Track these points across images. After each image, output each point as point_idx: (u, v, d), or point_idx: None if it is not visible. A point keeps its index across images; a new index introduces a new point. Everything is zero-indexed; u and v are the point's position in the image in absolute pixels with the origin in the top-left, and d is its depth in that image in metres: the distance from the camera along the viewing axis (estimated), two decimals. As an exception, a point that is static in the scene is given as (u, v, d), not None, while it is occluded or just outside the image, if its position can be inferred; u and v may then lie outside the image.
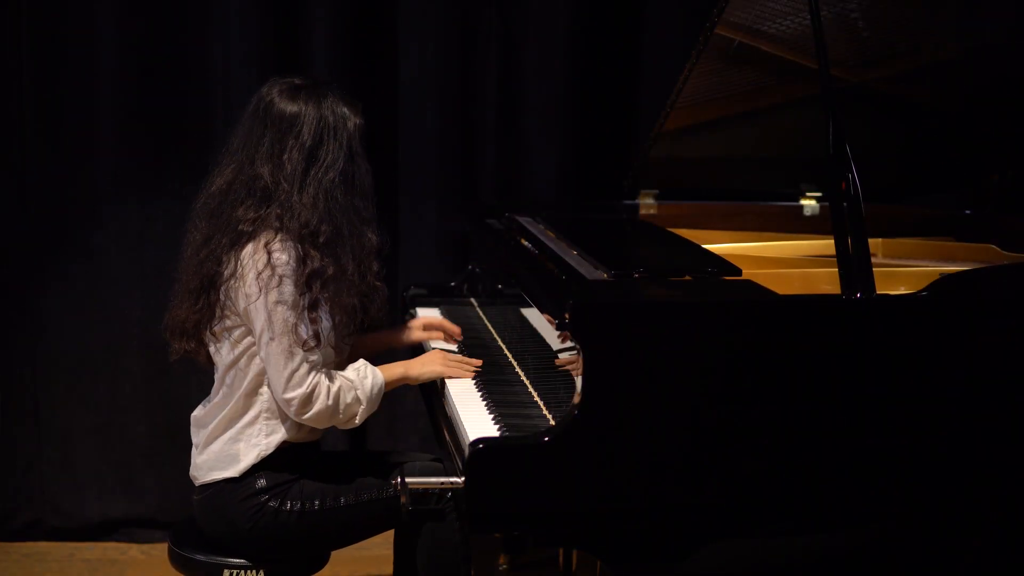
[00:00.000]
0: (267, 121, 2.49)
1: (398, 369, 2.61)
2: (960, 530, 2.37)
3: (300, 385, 2.41)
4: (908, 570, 2.45)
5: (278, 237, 2.43)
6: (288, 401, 2.42)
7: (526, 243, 2.93)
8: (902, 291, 2.57)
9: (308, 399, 2.42)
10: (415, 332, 2.89)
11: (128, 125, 3.62)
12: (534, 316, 2.62)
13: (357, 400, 2.48)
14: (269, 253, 2.41)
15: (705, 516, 2.19)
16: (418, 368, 2.64)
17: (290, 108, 2.49)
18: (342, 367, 2.54)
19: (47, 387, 3.73)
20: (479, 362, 2.67)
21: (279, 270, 2.40)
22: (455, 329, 2.89)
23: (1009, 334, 2.29)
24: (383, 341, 2.87)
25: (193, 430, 2.64)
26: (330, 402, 2.44)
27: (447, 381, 2.61)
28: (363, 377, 2.50)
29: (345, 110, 2.53)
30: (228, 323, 2.50)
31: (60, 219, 3.65)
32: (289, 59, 3.64)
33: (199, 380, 2.68)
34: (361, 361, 2.55)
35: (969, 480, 2.28)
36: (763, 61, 3.01)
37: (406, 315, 3.34)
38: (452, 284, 3.49)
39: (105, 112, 3.61)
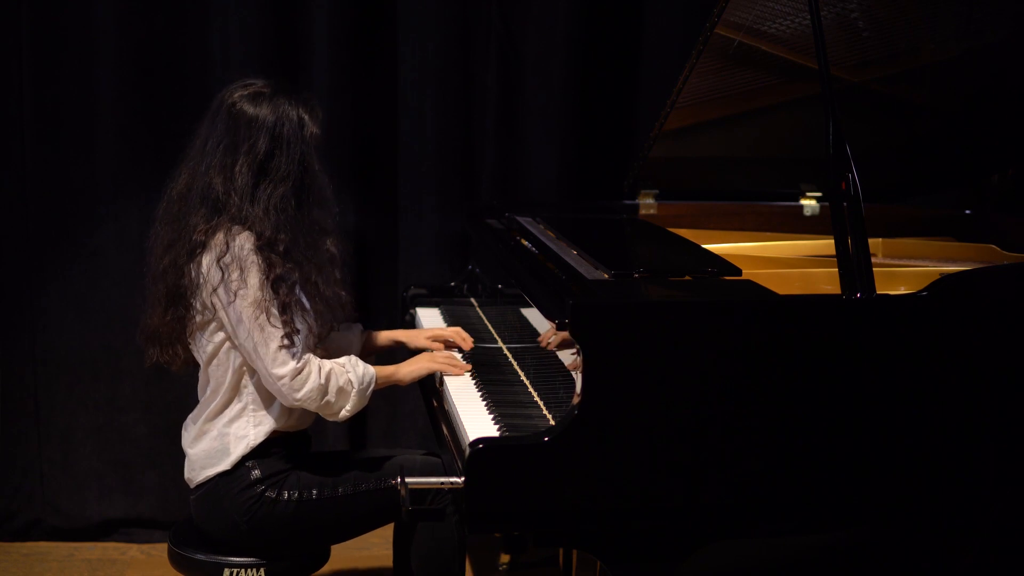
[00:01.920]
0: (223, 128, 2.49)
1: (388, 368, 2.63)
2: (960, 530, 2.37)
3: (288, 361, 2.42)
4: (908, 570, 2.45)
5: (230, 238, 2.43)
6: (279, 378, 2.42)
7: (526, 243, 2.93)
8: (902, 291, 2.57)
9: (299, 374, 2.43)
10: (421, 340, 2.85)
11: (128, 125, 3.61)
12: (534, 316, 2.63)
13: (349, 383, 2.49)
14: (224, 261, 2.41)
15: (705, 516, 2.19)
16: (406, 368, 2.65)
17: (245, 116, 2.47)
18: None
19: (47, 387, 3.72)
20: (467, 366, 2.68)
21: (235, 275, 2.41)
22: (464, 337, 2.82)
23: (1009, 334, 2.29)
24: (390, 338, 2.87)
25: (184, 434, 2.66)
26: (322, 380, 2.44)
27: (446, 381, 2.61)
28: (355, 364, 2.52)
29: (303, 118, 2.50)
30: (199, 319, 2.51)
31: (60, 219, 3.65)
32: (289, 59, 3.64)
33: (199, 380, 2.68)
34: (352, 356, 2.56)
35: (969, 480, 2.29)
36: (763, 61, 3.01)
37: (406, 315, 3.35)
38: (452, 284, 3.49)
39: (105, 112, 3.60)
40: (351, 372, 2.49)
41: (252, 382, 2.53)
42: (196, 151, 2.54)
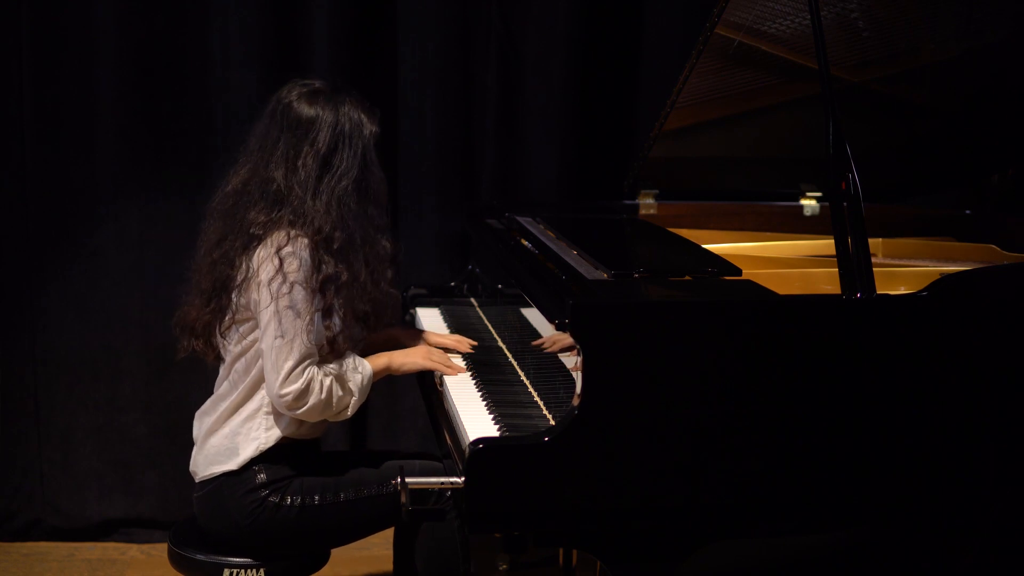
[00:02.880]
0: (283, 124, 2.51)
1: (382, 360, 2.63)
2: (960, 530, 2.37)
3: (296, 381, 2.42)
4: (908, 570, 2.45)
5: (289, 241, 2.44)
6: (282, 396, 2.43)
7: (526, 243, 2.93)
8: (902, 291, 2.57)
9: (303, 394, 2.43)
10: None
11: (128, 125, 3.61)
12: (534, 316, 2.62)
13: (349, 392, 2.50)
14: (281, 259, 2.42)
15: (705, 516, 2.19)
16: (400, 359, 2.65)
17: (307, 113, 2.50)
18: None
19: (47, 387, 3.72)
20: (462, 368, 2.68)
21: (290, 277, 2.42)
22: (467, 344, 2.82)
23: (1009, 334, 2.29)
24: (391, 337, 2.87)
25: (196, 423, 2.66)
26: (323, 396, 2.45)
27: (446, 381, 2.61)
28: (354, 369, 2.53)
29: (362, 117, 2.53)
30: (239, 317, 2.51)
31: (60, 219, 3.65)
32: (289, 59, 3.64)
33: (199, 380, 2.69)
34: (349, 353, 2.56)
35: (969, 480, 2.28)
36: (763, 61, 3.01)
37: (406, 315, 3.35)
38: (452, 284, 3.49)
39: (105, 112, 3.60)
40: (351, 380, 2.51)
41: None
42: (253, 149, 2.55)
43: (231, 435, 2.55)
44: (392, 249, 2.61)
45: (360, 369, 2.53)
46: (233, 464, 2.53)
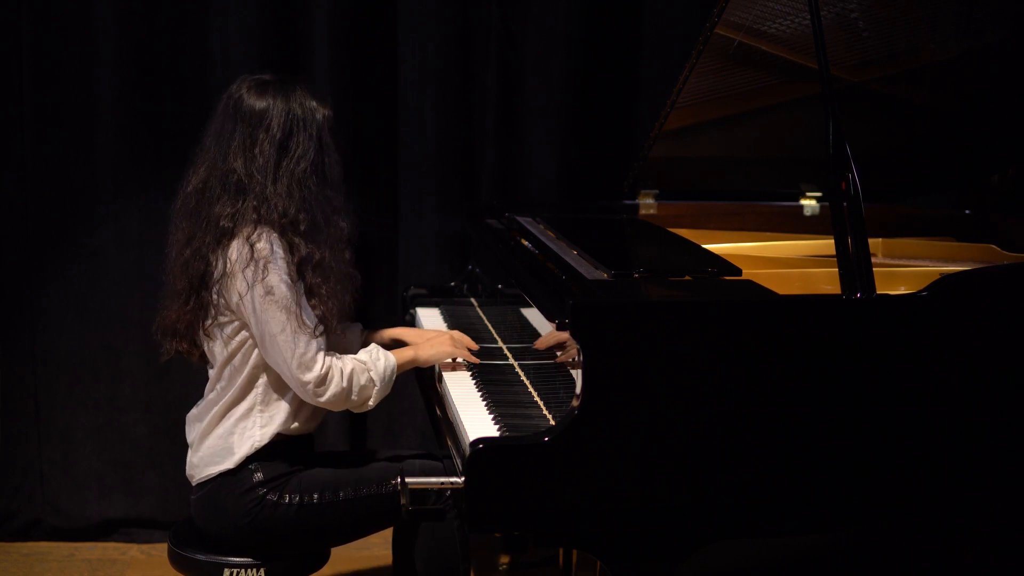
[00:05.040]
0: (237, 117, 2.53)
1: (408, 352, 2.64)
2: (960, 530, 2.37)
3: (312, 367, 2.43)
4: (908, 570, 2.45)
5: (258, 230, 2.46)
6: (304, 383, 2.44)
7: (526, 243, 2.93)
8: (902, 291, 2.57)
9: (323, 380, 2.44)
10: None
11: (128, 125, 3.61)
12: (534, 316, 2.63)
13: (371, 381, 2.51)
14: (252, 248, 2.44)
15: (705, 516, 2.19)
16: (427, 351, 2.66)
17: (259, 103, 2.52)
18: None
19: (47, 387, 3.72)
20: (476, 348, 2.72)
21: (262, 263, 2.43)
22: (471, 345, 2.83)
23: (1009, 334, 2.29)
24: (391, 337, 2.87)
25: (188, 428, 2.66)
26: (344, 383, 2.46)
27: (446, 381, 2.62)
28: (375, 359, 2.53)
29: (313, 103, 2.55)
30: (222, 319, 2.51)
31: (60, 219, 3.65)
32: (289, 59, 3.64)
33: (199, 380, 2.68)
34: (373, 345, 2.58)
35: (969, 480, 2.29)
36: (763, 61, 3.01)
37: (406, 315, 3.35)
38: (452, 284, 3.49)
39: (105, 112, 3.60)
40: (372, 369, 2.51)
41: (263, 382, 2.54)
42: (209, 146, 2.56)
43: (225, 435, 2.55)
44: (349, 230, 2.62)
45: (383, 358, 2.54)
46: (229, 463, 2.53)
